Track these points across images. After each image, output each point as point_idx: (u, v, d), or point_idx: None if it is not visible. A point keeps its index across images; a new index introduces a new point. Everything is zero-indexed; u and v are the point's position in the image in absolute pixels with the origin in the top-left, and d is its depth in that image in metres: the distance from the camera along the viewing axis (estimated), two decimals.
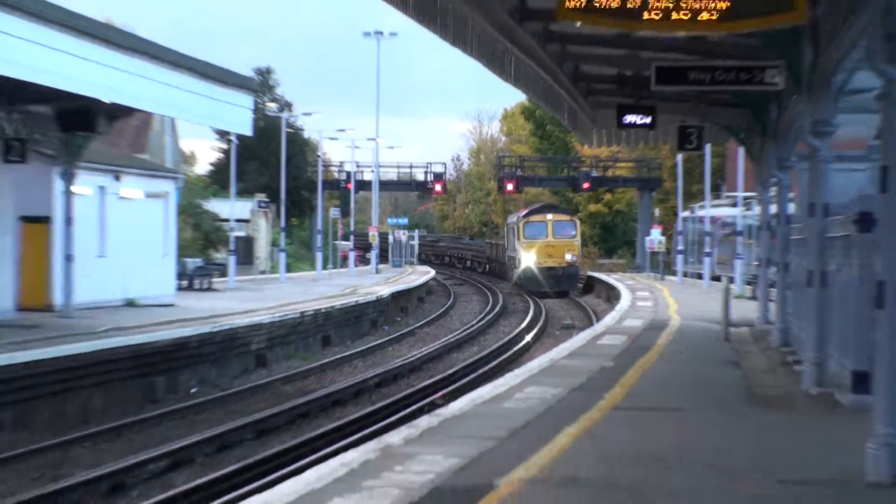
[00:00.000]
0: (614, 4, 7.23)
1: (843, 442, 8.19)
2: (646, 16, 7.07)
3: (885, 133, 6.83)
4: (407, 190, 66.18)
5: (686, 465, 7.54)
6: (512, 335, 27.12)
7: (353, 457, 7.28)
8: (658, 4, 7.03)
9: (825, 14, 9.79)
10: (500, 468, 6.97)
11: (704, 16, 7.38)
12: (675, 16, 7.07)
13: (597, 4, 7.09)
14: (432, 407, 13.73)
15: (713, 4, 6.97)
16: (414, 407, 15.10)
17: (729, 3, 7.10)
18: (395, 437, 8.24)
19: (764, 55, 11.29)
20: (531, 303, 37.70)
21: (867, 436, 6.68)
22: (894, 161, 6.66)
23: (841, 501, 6.71)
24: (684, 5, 6.97)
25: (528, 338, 26.37)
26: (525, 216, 46.78)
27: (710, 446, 8.47)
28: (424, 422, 8.93)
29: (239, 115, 22.83)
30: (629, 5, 6.95)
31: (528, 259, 44.47)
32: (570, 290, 43.53)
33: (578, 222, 49.99)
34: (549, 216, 46.64)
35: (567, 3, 7.16)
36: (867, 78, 8.42)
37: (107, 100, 17.83)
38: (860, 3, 7.26)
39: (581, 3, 7.04)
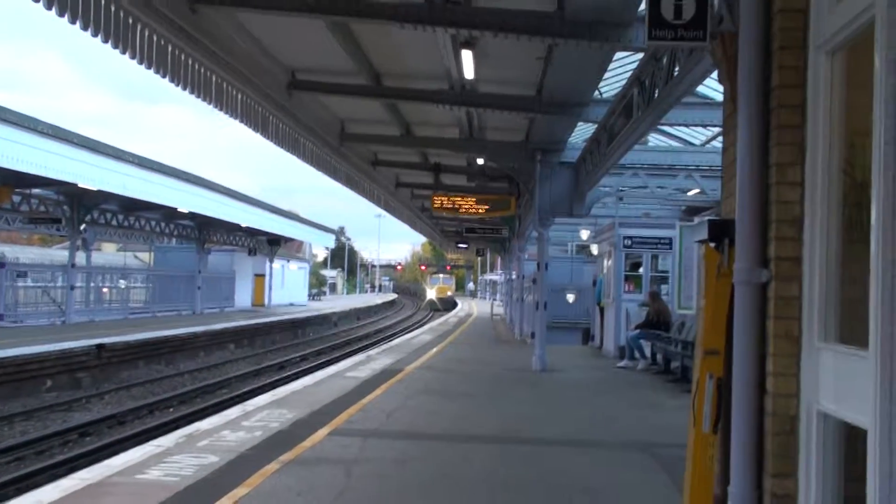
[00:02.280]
0: (448, 205, 20.34)
1: (526, 355, 18.90)
2: (461, 210, 20.15)
3: (539, 249, 19.91)
4: (389, 268, 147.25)
5: (474, 361, 19.56)
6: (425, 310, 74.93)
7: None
8: (465, 206, 20.11)
9: (522, 213, 23.79)
10: (406, 363, 19.45)
11: (482, 209, 20.56)
12: (472, 212, 20.16)
13: (444, 206, 20.16)
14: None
15: (483, 208, 20.13)
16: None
17: (488, 207, 20.34)
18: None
19: (501, 224, 25.11)
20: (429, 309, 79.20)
21: (532, 353, 19.31)
22: (543, 260, 19.65)
23: (524, 375, 16.67)
24: (475, 208, 20.08)
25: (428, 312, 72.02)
26: (431, 275, 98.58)
27: (479, 355, 21.18)
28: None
29: (329, 240, 65.86)
30: (455, 207, 20.01)
31: (431, 294, 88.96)
32: (449, 308, 72.95)
33: (454, 278, 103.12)
34: (441, 275, 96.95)
35: (434, 205, 20.24)
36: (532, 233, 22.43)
37: (286, 235, 49.64)
38: (531, 209, 20.82)
39: (441, 204, 20.02)
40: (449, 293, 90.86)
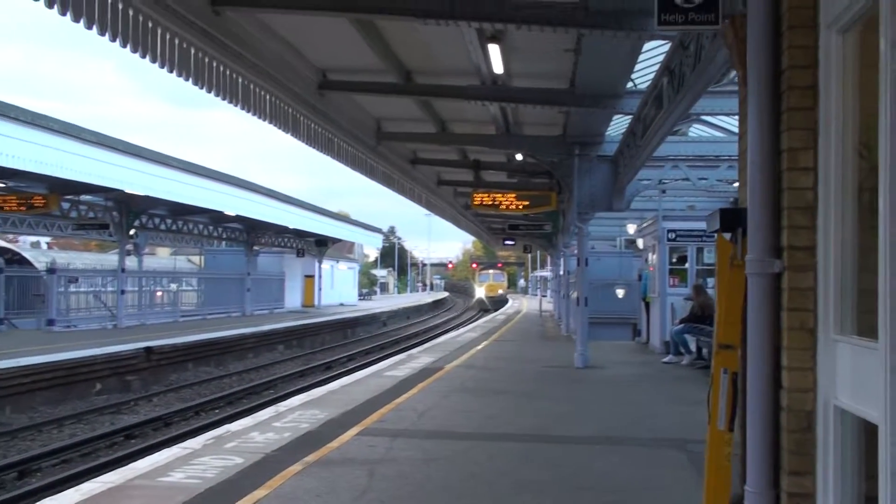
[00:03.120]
0: (488, 202, 20.16)
1: (571, 352, 18.28)
2: (501, 207, 19.96)
3: (578, 245, 19.63)
4: (440, 267, 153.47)
5: (515, 359, 19.43)
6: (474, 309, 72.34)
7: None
8: (505, 202, 19.93)
9: (564, 208, 23.52)
10: (447, 361, 19.25)
11: (522, 205, 20.33)
12: (512, 208, 19.98)
13: (483, 203, 20.00)
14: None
15: (523, 204, 19.91)
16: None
17: (528, 203, 20.12)
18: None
19: (544, 220, 24.80)
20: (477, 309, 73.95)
21: (575, 350, 19.23)
22: (583, 255, 19.37)
23: (565, 372, 16.56)
24: (515, 204, 19.88)
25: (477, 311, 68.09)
26: (480, 272, 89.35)
27: (523, 352, 20.93)
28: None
29: (377, 240, 67.75)
30: (495, 204, 19.84)
31: (480, 292, 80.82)
32: (500, 308, 63.99)
33: (505, 275, 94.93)
34: (491, 271, 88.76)
35: (474, 203, 20.09)
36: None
37: (333, 236, 49.30)
38: (570, 205, 20.54)
39: (481, 201, 19.86)
40: (500, 291, 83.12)
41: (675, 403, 12.42)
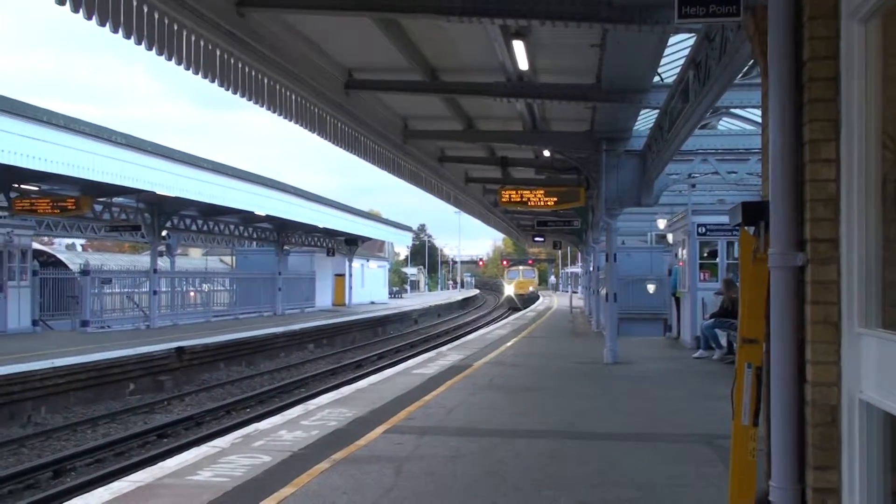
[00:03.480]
0: (516, 199, 20.14)
1: (600, 348, 18.20)
2: (530, 203, 19.95)
3: (607, 240, 19.65)
4: (471, 264, 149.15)
5: (544, 355, 19.30)
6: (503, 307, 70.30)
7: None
8: (534, 199, 19.92)
9: (593, 203, 23.42)
10: (476, 358, 19.06)
11: (551, 202, 20.31)
12: (541, 205, 19.93)
13: (512, 200, 19.99)
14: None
15: (552, 200, 19.88)
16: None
17: (556, 199, 20.10)
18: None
19: (573, 216, 24.73)
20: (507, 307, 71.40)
21: (604, 346, 19.09)
22: (612, 251, 19.29)
23: (594, 368, 16.52)
24: (543, 200, 19.87)
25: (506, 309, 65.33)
26: (509, 269, 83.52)
27: (552, 349, 20.94)
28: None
29: (406, 238, 66.45)
30: (524, 200, 19.82)
31: (509, 290, 76.98)
32: (530, 306, 61.89)
33: (536, 271, 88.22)
34: (520, 268, 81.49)
35: (502, 199, 20.08)
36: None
37: (363, 235, 48.94)
38: (599, 201, 20.49)
39: (509, 198, 19.84)
40: (531, 288, 78.39)
41: (704, 399, 12.34)
